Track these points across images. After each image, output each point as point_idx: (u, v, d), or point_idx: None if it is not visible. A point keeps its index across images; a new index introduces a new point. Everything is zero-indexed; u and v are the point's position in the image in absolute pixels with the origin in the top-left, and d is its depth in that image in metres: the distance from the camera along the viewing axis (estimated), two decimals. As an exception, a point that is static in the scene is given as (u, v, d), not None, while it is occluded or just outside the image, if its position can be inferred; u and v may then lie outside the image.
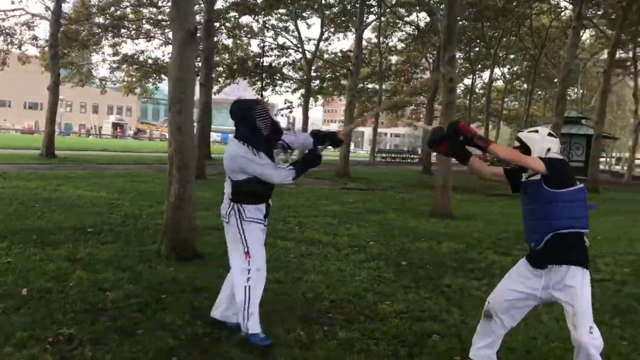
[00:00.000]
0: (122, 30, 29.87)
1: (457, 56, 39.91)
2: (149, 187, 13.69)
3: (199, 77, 17.72)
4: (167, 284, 5.43)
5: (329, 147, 4.39)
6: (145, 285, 5.33)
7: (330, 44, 57.95)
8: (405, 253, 7.78)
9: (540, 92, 51.75)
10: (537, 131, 3.57)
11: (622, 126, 60.09)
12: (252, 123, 4.02)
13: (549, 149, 3.44)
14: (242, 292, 4.09)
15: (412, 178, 25.19)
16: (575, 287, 3.32)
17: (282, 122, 20.28)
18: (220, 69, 33.95)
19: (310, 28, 79.76)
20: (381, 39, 35.20)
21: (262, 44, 33.12)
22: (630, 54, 36.24)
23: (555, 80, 26.87)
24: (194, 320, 4.52)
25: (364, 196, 15.70)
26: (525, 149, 3.47)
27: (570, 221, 3.32)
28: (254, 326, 4.10)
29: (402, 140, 79.40)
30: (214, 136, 76.81)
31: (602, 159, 55.12)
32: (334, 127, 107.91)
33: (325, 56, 34.85)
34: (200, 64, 18.84)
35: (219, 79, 34.08)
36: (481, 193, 18.21)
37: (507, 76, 49.45)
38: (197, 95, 19.62)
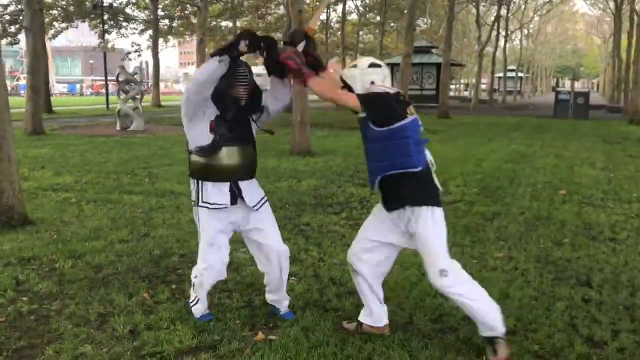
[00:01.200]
0: None
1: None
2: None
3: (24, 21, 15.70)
4: (-12, 259, 4.72)
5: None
6: (-40, 264, 4.58)
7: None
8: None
9: (392, 24, 53.03)
10: (355, 66, 3.16)
11: (468, 53, 63.50)
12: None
13: (372, 82, 3.07)
14: (191, 282, 3.61)
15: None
16: (422, 229, 3.01)
17: (131, 67, 18.73)
18: (55, 12, 30.71)
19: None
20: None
21: (99, -18, 30.31)
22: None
23: (405, 11, 27.52)
24: (18, 296, 3.94)
25: (224, 139, 15.09)
26: (349, 89, 3.11)
27: (398, 161, 2.96)
28: (196, 311, 3.61)
29: (263, 79, 78.02)
30: (59, 87, 70.90)
31: (452, 86, 58.55)
32: (191, 69, 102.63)
33: (173, -7, 32.76)
34: (22, 6, 16.65)
35: (54, 23, 30.88)
36: (339, 127, 18.34)
37: (361, 9, 50.03)
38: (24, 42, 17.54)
